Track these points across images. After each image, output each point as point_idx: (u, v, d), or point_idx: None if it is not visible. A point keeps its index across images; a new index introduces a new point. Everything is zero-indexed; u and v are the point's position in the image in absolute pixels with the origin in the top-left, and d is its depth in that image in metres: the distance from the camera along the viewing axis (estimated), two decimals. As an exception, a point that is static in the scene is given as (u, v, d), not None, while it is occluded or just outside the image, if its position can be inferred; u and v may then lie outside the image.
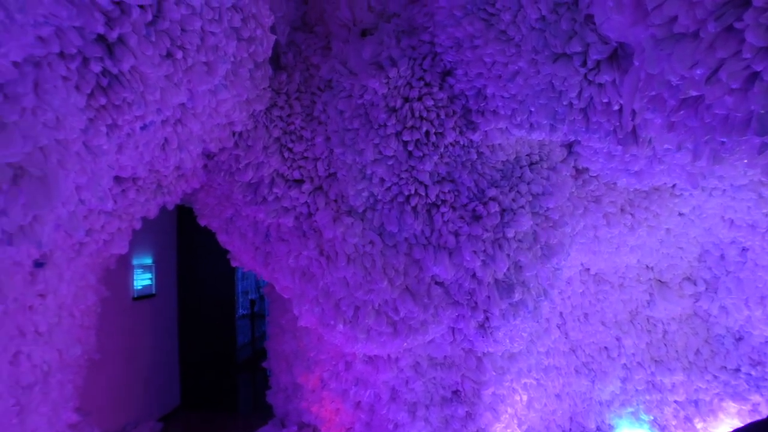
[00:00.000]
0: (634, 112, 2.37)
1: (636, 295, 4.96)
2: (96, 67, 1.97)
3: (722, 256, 4.76)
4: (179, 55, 2.25)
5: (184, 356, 6.58)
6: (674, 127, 2.12)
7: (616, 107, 2.47)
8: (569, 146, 3.60)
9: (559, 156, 3.62)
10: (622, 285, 4.91)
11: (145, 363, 5.65)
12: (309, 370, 4.23)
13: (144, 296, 5.59)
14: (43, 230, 2.24)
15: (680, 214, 4.42)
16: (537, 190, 3.46)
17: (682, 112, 1.97)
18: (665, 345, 5.06)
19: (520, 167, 3.49)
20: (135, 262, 5.39)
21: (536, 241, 3.48)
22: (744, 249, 4.56)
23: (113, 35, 1.96)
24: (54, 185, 2.02)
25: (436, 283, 3.32)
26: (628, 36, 2.15)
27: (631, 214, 4.20)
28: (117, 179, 2.91)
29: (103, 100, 2.07)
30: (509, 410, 4.13)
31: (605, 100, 2.45)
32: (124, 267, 5.11)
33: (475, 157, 3.34)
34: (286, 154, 3.38)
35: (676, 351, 5.04)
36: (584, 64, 2.37)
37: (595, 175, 3.79)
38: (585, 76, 2.41)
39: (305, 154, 3.40)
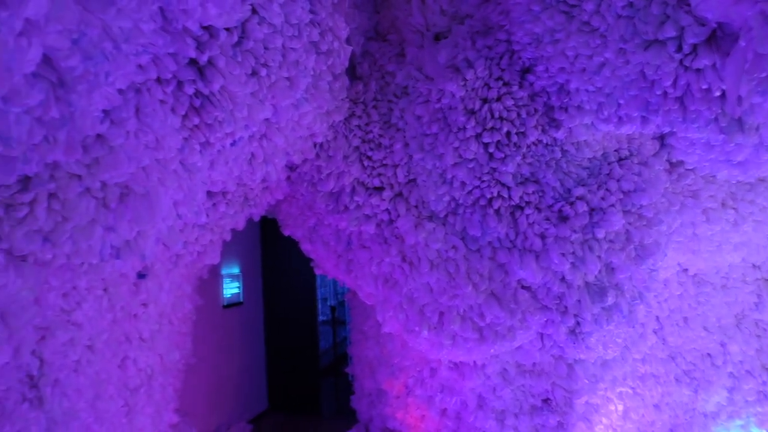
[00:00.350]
0: (740, 98, 2.18)
1: (742, 297, 4.55)
2: (189, 89, 2.09)
3: None
4: (263, 72, 2.34)
5: (270, 361, 6.82)
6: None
7: (717, 93, 2.29)
8: (661, 139, 3.38)
9: (651, 150, 3.40)
10: (726, 286, 4.53)
11: (235, 368, 5.91)
12: (393, 376, 4.24)
13: (233, 304, 5.86)
14: (146, 244, 2.41)
15: (793, 206, 4.02)
16: (628, 187, 3.27)
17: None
18: (778, 351, 4.61)
19: (609, 164, 3.32)
20: (224, 271, 5.66)
21: (629, 241, 3.29)
22: None
23: (203, 58, 2.07)
24: (156, 202, 2.16)
25: (523, 287, 3.22)
26: (730, 15, 1.98)
27: (734, 209, 3.86)
28: (208, 194, 3.07)
29: (196, 120, 2.19)
30: (604, 420, 3.92)
31: (704, 87, 2.28)
32: (214, 277, 5.38)
33: (560, 155, 3.21)
34: (365, 163, 3.42)
35: (792, 357, 4.59)
36: (679, 49, 2.21)
37: (691, 168, 3.52)
38: (681, 62, 2.25)
39: (384, 162, 3.42)
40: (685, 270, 4.42)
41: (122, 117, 1.84)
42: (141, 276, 3.11)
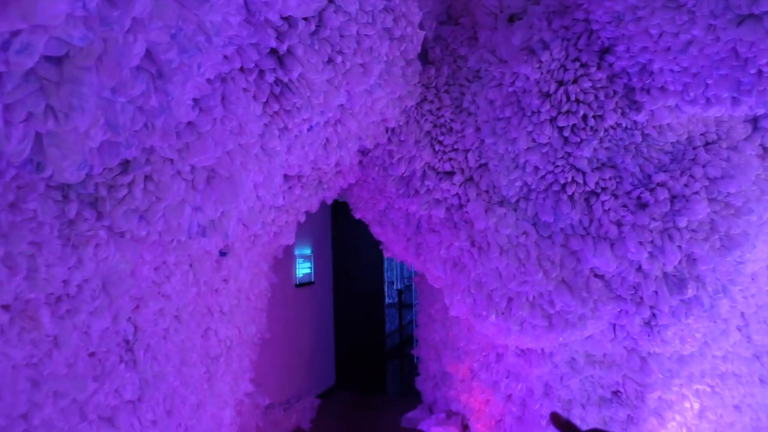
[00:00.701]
0: None
1: None
2: (270, 78, 2.19)
3: None
4: (339, 59, 2.41)
5: (339, 340, 7.04)
6: None
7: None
8: (754, 122, 3.14)
9: (742, 134, 3.17)
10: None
11: (306, 345, 6.17)
12: (459, 360, 4.28)
13: (304, 284, 6.10)
14: (229, 224, 2.57)
15: None
16: (714, 174, 3.08)
17: None
18: None
19: (694, 148, 3.14)
20: (297, 252, 5.90)
21: (714, 231, 3.11)
22: None
23: (283, 47, 2.16)
24: (239, 184, 2.30)
25: (596, 275, 3.14)
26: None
27: None
28: (285, 177, 3.21)
29: (276, 107, 2.30)
30: (677, 418, 3.76)
31: (808, 65, 2.11)
32: (288, 257, 5.62)
33: (640, 139, 3.08)
34: (436, 147, 3.44)
35: None
36: (779, 25, 2.06)
37: (789, 154, 3.27)
38: (780, 39, 2.09)
39: (455, 146, 3.42)
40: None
41: (210, 105, 1.96)
42: (222, 254, 3.32)
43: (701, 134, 3.14)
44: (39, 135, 1.37)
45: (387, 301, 9.94)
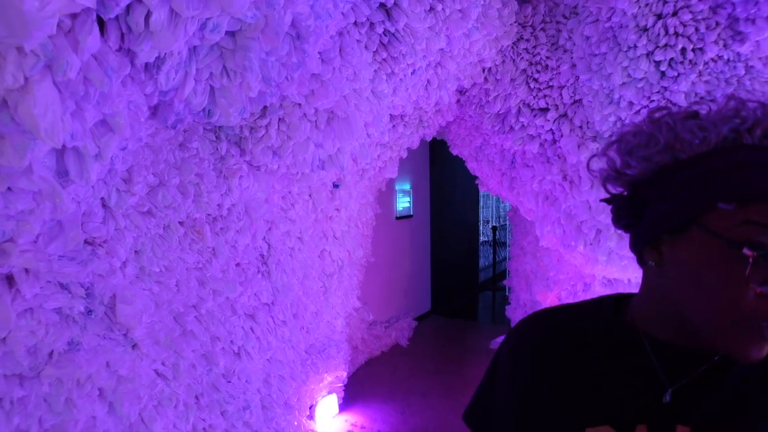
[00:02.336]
0: None
1: None
2: (379, 29, 2.49)
3: None
4: (439, 7, 2.64)
5: (435, 270, 7.50)
6: None
7: None
8: None
9: None
10: None
11: (404, 272, 6.69)
12: (548, 289, 4.54)
13: (404, 216, 6.54)
14: (344, 158, 2.97)
15: None
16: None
17: None
18: None
19: (805, 81, 3.03)
20: (397, 187, 6.31)
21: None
22: None
23: (390, 1, 2.43)
24: (353, 123, 2.67)
25: (608, 201, 3.21)
26: None
27: None
28: (390, 117, 3.55)
29: (384, 54, 2.60)
30: None
31: None
32: (389, 191, 6.06)
33: (743, 72, 3.02)
34: (531, 85, 3.57)
35: None
36: None
37: None
38: None
39: (550, 83, 3.53)
40: None
41: (330, 57, 2.32)
42: (336, 186, 3.77)
43: (815, 65, 3.02)
44: (212, 89, 1.81)
45: (482, 238, 10.24)
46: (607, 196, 0.81)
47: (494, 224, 10.28)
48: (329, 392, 4.22)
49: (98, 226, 1.99)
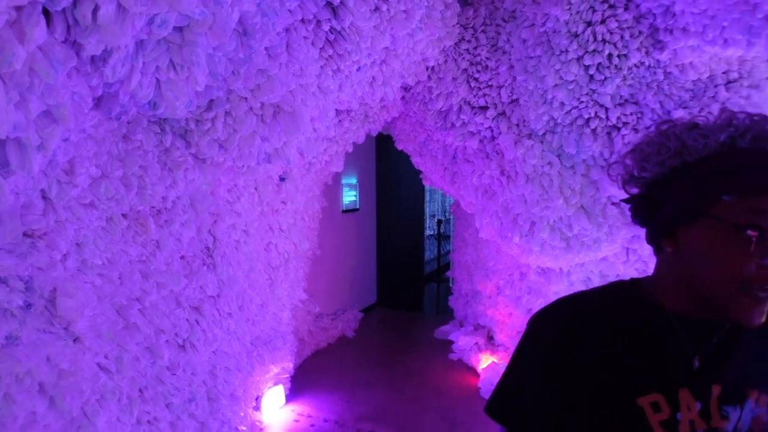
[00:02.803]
0: None
1: None
2: (326, 27, 2.55)
3: None
4: (384, 8, 2.73)
5: (381, 264, 7.62)
6: None
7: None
8: (781, 61, 3.29)
9: (765, 72, 3.32)
10: None
11: (350, 265, 6.78)
12: (487, 278, 4.75)
13: (350, 210, 6.62)
14: (290, 152, 3.02)
15: None
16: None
17: None
18: None
19: (715, 86, 3.33)
20: (344, 181, 6.38)
21: (728, 166, 3.36)
22: None
23: (337, 0, 2.50)
24: (300, 118, 2.72)
25: (612, 203, 3.47)
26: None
27: None
28: (336, 112, 3.61)
29: (330, 51, 2.67)
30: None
31: (811, 13, 2.30)
32: (336, 185, 6.11)
33: (662, 77, 3.29)
34: (472, 84, 3.73)
35: None
36: (785, -24, 2.24)
37: (812, 92, 3.41)
38: (786, -12, 2.28)
39: (490, 83, 3.70)
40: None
41: (277, 52, 2.36)
42: (282, 179, 3.80)
43: (723, 73, 3.32)
44: (159, 82, 1.83)
45: (428, 232, 10.47)
46: (626, 196, 0.96)
47: (439, 218, 10.52)
48: (276, 383, 4.26)
49: (38, 218, 1.96)
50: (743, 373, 0.84)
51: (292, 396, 4.45)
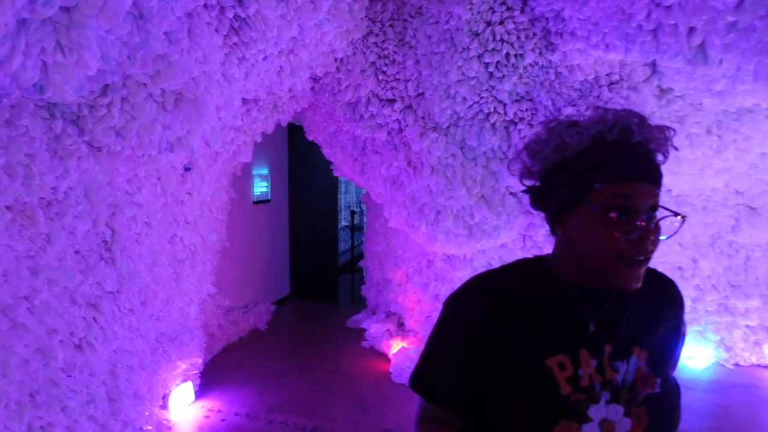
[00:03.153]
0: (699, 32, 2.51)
1: (720, 219, 4.91)
2: (230, 14, 2.50)
3: (825, 183, 4.56)
4: (291, -3, 2.73)
5: (294, 255, 7.57)
6: (729, 48, 2.29)
7: (683, 29, 2.61)
8: (653, 66, 3.66)
9: (642, 76, 3.70)
10: (706, 208, 4.89)
11: (262, 257, 6.68)
12: (397, 267, 4.90)
13: (262, 201, 6.51)
14: (194, 141, 2.93)
15: (779, 139, 4.28)
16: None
17: (732, 35, 2.14)
18: (745, 271, 5.03)
19: (599, 86, 3.66)
20: (255, 172, 6.25)
21: (610, 158, 3.70)
22: None
23: (241, -14, 2.47)
24: (203, 106, 2.65)
25: (510, 193, 3.71)
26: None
27: (718, 136, 4.15)
28: (243, 101, 3.54)
29: (235, 39, 2.62)
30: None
31: (672, 22, 2.59)
32: (246, 176, 5.98)
33: (554, 77, 3.56)
34: (380, 77, 3.82)
35: (756, 278, 5.01)
36: (652, -11, 2.51)
37: (680, 95, 3.82)
38: None
39: (397, 76, 3.81)
40: (669, 190, 4.81)
41: (179, 37, 2.29)
42: (187, 169, 3.67)
43: (606, 75, 3.65)
44: (45, 65, 1.72)
45: (343, 223, 10.51)
46: (524, 188, 1.07)
47: (353, 209, 10.60)
48: (184, 380, 4.13)
49: None
50: (628, 333, 0.99)
51: (202, 392, 4.34)
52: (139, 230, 3.32)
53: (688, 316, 5.04)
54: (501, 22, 3.39)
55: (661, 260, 4.99)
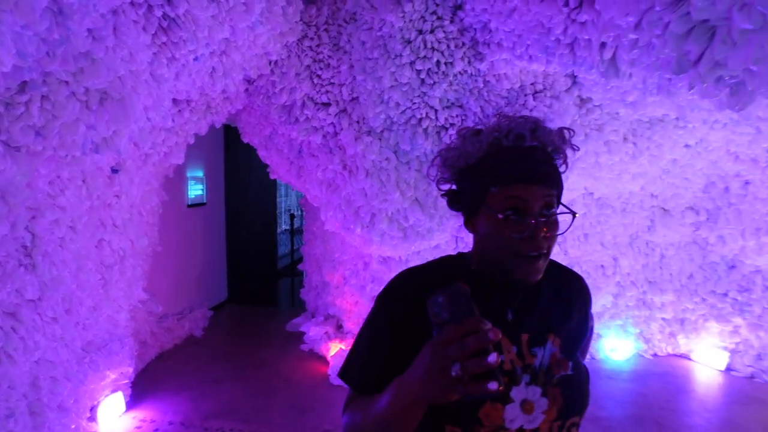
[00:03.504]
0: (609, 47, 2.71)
1: (637, 221, 5.29)
2: (158, 12, 2.47)
3: (726, 189, 4.98)
4: (222, -2, 2.72)
5: (231, 259, 7.44)
6: (635, 63, 2.49)
7: (596, 44, 2.80)
8: (574, 77, 3.90)
9: (563, 86, 3.93)
10: (625, 210, 5.25)
11: (198, 261, 6.53)
12: (334, 269, 4.93)
13: (197, 204, 6.37)
14: (120, 141, 2.85)
15: (687, 146, 4.65)
16: (538, 116, 3.82)
17: (636, 51, 2.34)
18: (660, 268, 5.45)
19: (525, 95, 3.85)
20: (189, 174, 6.11)
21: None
22: (746, 182, 4.79)
23: (171, -15, 2.44)
24: (130, 106, 2.59)
25: (443, 196, 3.82)
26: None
27: (633, 143, 4.47)
28: (174, 101, 3.47)
29: (164, 38, 2.58)
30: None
31: (587, 37, 2.78)
32: (180, 178, 5.83)
33: (482, 85, 3.72)
34: (315, 80, 3.85)
35: (671, 274, 5.43)
36: (567, 4, 2.68)
37: (598, 104, 4.08)
38: (568, 15, 2.73)
39: (332, 81, 3.85)
40: (591, 193, 5.12)
41: (103, 35, 2.24)
42: (115, 171, 3.55)
43: (531, 84, 3.85)
44: (-46, 59, 1.65)
45: (284, 227, 10.40)
46: (442, 192, 1.16)
47: (293, 212, 10.53)
48: (114, 390, 3.99)
49: None
50: (543, 322, 1.07)
51: (133, 402, 4.20)
52: (63, 234, 3.19)
53: (610, 311, 5.43)
54: (432, 31, 3.51)
55: (585, 259, 5.30)
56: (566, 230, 1.05)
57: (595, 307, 5.38)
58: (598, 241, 5.28)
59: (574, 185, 4.73)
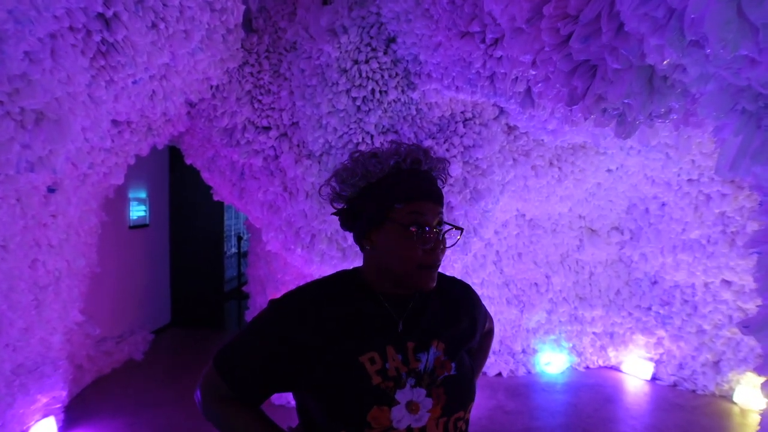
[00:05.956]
0: (521, 80, 2.99)
1: (567, 240, 5.65)
2: (97, 37, 2.56)
3: (646, 210, 5.40)
4: (162, 25, 2.82)
5: (175, 282, 7.33)
6: (542, 95, 2.77)
7: (513, 77, 3.08)
8: (500, 106, 4.20)
9: (491, 114, 4.23)
10: (555, 230, 5.60)
11: (139, 283, 6.42)
12: (277, 290, 4.99)
13: (139, 225, 6.30)
14: (57, 161, 2.88)
15: (608, 170, 5.05)
16: (468, 143, 4.10)
17: (540, 84, 2.61)
18: (590, 285, 5.80)
19: (455, 122, 4.12)
20: (131, 195, 6.06)
21: (466, 186, 4.16)
22: (663, 204, 5.21)
23: (109, 12, 2.52)
24: (66, 126, 2.65)
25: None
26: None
27: (559, 168, 4.83)
28: (114, 123, 3.52)
29: (102, 62, 2.67)
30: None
31: (503, 71, 3.06)
32: (121, 199, 5.78)
33: (415, 112, 3.96)
34: (256, 105, 3.99)
35: (599, 290, 5.79)
36: (483, 41, 2.95)
37: (524, 131, 4.40)
38: (485, 50, 2.99)
39: (272, 105, 4.00)
40: (523, 215, 5.43)
41: (40, 57, 2.31)
42: (51, 190, 3.54)
43: (461, 112, 4.13)
44: None
45: (233, 250, 10.27)
46: (334, 210, 1.23)
47: (240, 234, 10.45)
48: (45, 415, 3.88)
49: None
50: (428, 329, 1.17)
51: (66, 428, 4.09)
52: (-6, 253, 3.15)
53: (544, 327, 5.72)
54: (367, 61, 3.73)
55: (520, 277, 5.58)
56: (454, 244, 1.20)
57: (530, 323, 5.68)
58: (531, 260, 5.58)
59: (506, 207, 5.02)
